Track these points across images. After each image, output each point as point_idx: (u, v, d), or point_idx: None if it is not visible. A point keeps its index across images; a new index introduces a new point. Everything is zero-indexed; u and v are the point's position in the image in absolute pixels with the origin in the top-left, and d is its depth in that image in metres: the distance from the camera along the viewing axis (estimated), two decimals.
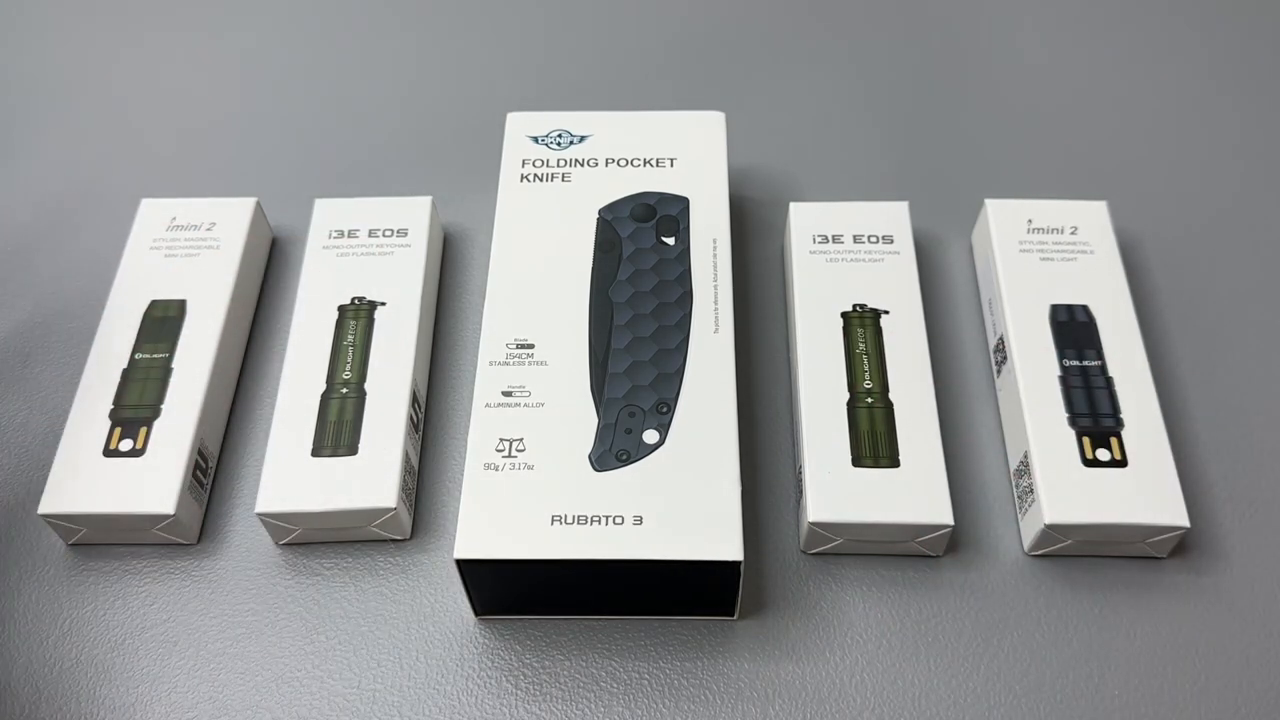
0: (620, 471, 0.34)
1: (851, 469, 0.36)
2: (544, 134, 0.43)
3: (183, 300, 0.41)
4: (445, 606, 0.37)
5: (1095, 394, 0.38)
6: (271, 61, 0.54)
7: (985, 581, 0.37)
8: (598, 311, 0.38)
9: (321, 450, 0.37)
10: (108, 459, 0.37)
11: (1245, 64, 0.53)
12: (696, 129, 0.43)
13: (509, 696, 0.35)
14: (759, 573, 0.37)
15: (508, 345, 0.37)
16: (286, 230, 0.47)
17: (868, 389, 0.38)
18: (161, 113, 0.52)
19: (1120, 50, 0.53)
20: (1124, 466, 0.36)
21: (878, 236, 0.42)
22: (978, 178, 0.48)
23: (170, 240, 0.43)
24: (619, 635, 0.36)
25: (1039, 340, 0.40)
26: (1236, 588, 0.37)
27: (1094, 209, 0.43)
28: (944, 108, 0.51)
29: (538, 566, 0.33)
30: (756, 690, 0.35)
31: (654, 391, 0.36)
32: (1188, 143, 0.50)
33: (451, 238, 0.47)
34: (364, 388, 0.39)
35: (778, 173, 0.49)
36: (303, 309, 0.41)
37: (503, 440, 0.35)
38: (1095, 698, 0.35)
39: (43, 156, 0.50)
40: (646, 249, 0.40)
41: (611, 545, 0.33)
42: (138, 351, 0.40)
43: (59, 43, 0.55)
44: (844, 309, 0.40)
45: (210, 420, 0.39)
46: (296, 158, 0.50)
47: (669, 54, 0.54)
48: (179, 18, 0.56)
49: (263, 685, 0.35)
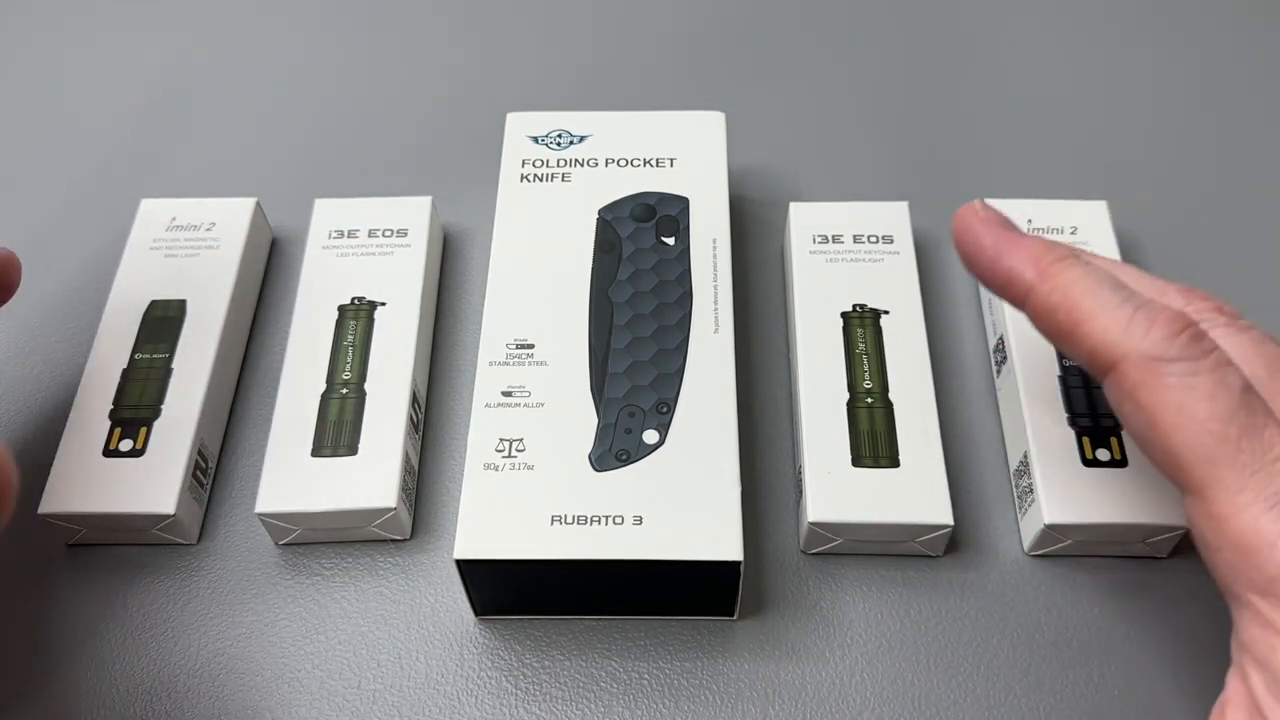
0: (620, 471, 0.34)
1: (851, 469, 0.36)
2: (544, 134, 0.43)
3: (183, 300, 0.41)
4: (445, 606, 0.37)
5: (1095, 394, 0.38)
6: (272, 61, 0.54)
7: (985, 581, 0.37)
8: (598, 311, 0.38)
9: (321, 450, 0.37)
10: (108, 459, 0.37)
11: (1246, 64, 0.53)
12: (696, 129, 0.43)
13: (509, 696, 0.35)
14: (759, 573, 0.37)
15: (508, 345, 0.37)
16: (286, 230, 0.47)
17: (868, 389, 0.38)
18: (161, 113, 0.52)
19: (1120, 50, 0.53)
20: (1124, 466, 0.36)
21: (878, 236, 0.42)
22: (978, 178, 0.48)
23: (170, 240, 0.43)
24: (619, 635, 0.36)
25: (1039, 340, 0.39)
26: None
27: (1094, 209, 0.43)
28: (944, 108, 0.51)
29: (538, 566, 0.33)
30: (756, 690, 0.35)
31: (654, 391, 0.36)
32: (1188, 143, 0.50)
33: (451, 238, 0.47)
34: (364, 388, 0.39)
35: (778, 173, 0.49)
36: (303, 309, 0.41)
37: (502, 440, 0.35)
38: (1095, 698, 0.35)
39: (43, 156, 0.50)
40: (646, 249, 0.40)
41: (611, 545, 0.33)
42: (138, 351, 0.40)
43: (59, 42, 0.55)
44: (844, 309, 0.40)
45: (210, 420, 0.40)
46: (296, 158, 0.50)
47: (669, 54, 0.54)
48: (179, 17, 0.56)
49: (263, 685, 0.35)
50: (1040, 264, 0.29)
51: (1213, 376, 0.26)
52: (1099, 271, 0.29)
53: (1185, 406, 0.26)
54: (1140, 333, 0.27)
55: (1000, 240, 0.30)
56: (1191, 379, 0.26)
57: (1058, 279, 0.29)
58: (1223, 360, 0.27)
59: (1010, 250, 0.30)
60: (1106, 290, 0.28)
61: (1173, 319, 0.27)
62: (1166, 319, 0.27)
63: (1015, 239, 0.30)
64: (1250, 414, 0.26)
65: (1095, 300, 0.28)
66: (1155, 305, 0.27)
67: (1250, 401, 0.26)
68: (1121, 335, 0.27)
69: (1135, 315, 0.27)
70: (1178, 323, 0.27)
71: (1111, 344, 0.27)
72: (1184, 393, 0.26)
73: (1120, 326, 0.27)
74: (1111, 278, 0.29)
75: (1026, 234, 0.31)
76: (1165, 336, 0.27)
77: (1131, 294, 0.28)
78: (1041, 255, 0.29)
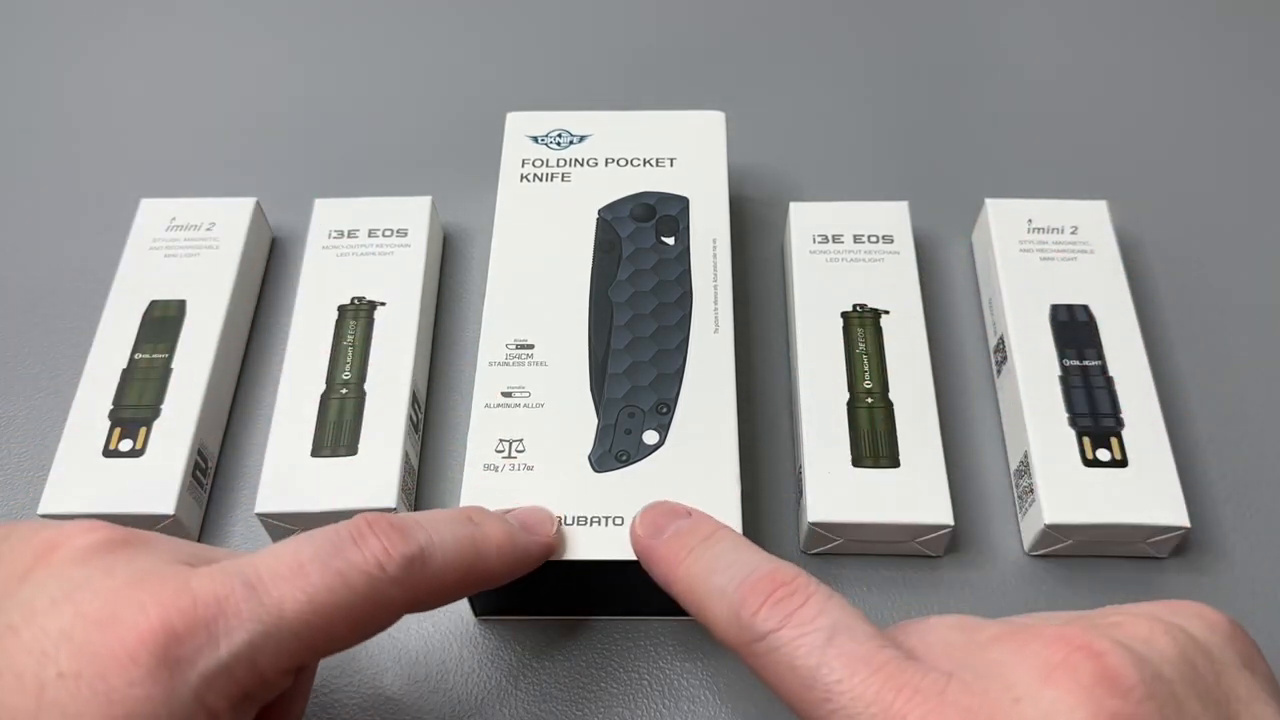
0: (620, 472, 0.34)
1: (851, 469, 0.36)
2: (544, 134, 0.43)
3: (183, 300, 0.41)
4: (445, 607, 0.37)
5: (1095, 394, 0.38)
6: (271, 61, 0.54)
7: (985, 581, 0.37)
8: (597, 311, 0.38)
9: (321, 450, 0.37)
10: (108, 459, 0.37)
11: (1246, 64, 0.53)
12: (696, 129, 0.43)
13: (509, 696, 0.35)
14: None
15: (507, 345, 0.37)
16: (286, 230, 0.47)
17: (868, 389, 0.38)
18: (161, 113, 0.52)
19: (1121, 50, 0.53)
20: (1124, 466, 0.36)
21: (878, 236, 0.42)
22: (978, 178, 0.48)
23: (170, 240, 0.43)
24: (619, 635, 0.36)
25: (1039, 340, 0.40)
26: (1236, 588, 0.37)
27: (1094, 209, 0.43)
28: (944, 107, 0.51)
29: (537, 566, 0.33)
30: (756, 690, 0.35)
31: (654, 392, 0.36)
32: (1188, 143, 0.50)
33: (451, 238, 0.47)
34: (364, 388, 0.39)
35: (778, 173, 0.49)
36: (303, 309, 0.41)
37: (502, 441, 0.35)
38: None
39: (43, 156, 0.50)
40: (646, 249, 0.40)
41: (611, 545, 0.33)
42: (138, 351, 0.40)
43: (59, 42, 0.55)
44: (844, 309, 0.40)
45: (210, 420, 0.39)
46: (296, 158, 0.50)
47: (669, 54, 0.54)
48: (179, 17, 0.56)
49: None
50: (670, 567, 0.30)
51: (792, 644, 0.26)
52: (720, 555, 0.29)
53: (779, 677, 0.26)
54: (733, 617, 0.27)
55: (641, 555, 0.31)
56: (775, 653, 0.26)
57: (681, 579, 0.29)
58: (805, 619, 0.26)
59: (650, 563, 0.31)
60: (716, 576, 0.28)
61: (758, 590, 0.27)
62: (753, 592, 0.27)
63: (652, 549, 0.31)
64: (832, 669, 0.25)
65: (707, 590, 0.28)
66: (751, 577, 0.27)
67: (835, 654, 0.25)
68: (725, 623, 0.27)
69: (732, 597, 0.27)
70: (762, 593, 0.27)
71: (721, 633, 0.28)
72: (773, 667, 0.26)
73: (724, 613, 0.27)
74: (729, 556, 0.29)
75: (672, 531, 0.31)
76: (751, 614, 0.27)
77: (739, 570, 0.28)
78: (672, 557, 0.30)
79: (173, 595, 0.24)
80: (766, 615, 0.26)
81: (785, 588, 0.27)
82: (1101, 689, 0.23)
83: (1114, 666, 0.23)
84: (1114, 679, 0.23)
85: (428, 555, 0.28)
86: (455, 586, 0.29)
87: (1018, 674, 0.24)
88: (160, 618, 0.24)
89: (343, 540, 0.27)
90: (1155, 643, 0.25)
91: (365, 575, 0.26)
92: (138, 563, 0.26)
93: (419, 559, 0.28)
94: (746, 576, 0.27)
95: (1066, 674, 0.23)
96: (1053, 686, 0.23)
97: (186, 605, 0.24)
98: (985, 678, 0.24)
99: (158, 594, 0.24)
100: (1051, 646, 0.24)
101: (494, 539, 0.30)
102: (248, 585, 0.25)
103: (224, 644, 0.24)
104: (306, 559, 0.26)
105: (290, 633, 0.25)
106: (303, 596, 0.25)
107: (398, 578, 0.27)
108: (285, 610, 0.25)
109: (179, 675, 0.24)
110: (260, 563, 0.26)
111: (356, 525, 0.27)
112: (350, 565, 0.26)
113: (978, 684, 0.24)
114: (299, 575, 0.26)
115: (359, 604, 0.26)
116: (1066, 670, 0.23)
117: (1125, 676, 0.23)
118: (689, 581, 0.29)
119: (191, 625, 0.24)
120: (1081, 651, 0.24)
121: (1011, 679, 0.24)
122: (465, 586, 0.30)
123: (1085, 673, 0.23)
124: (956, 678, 0.24)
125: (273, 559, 0.26)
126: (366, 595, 0.26)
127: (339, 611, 0.26)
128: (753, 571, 0.28)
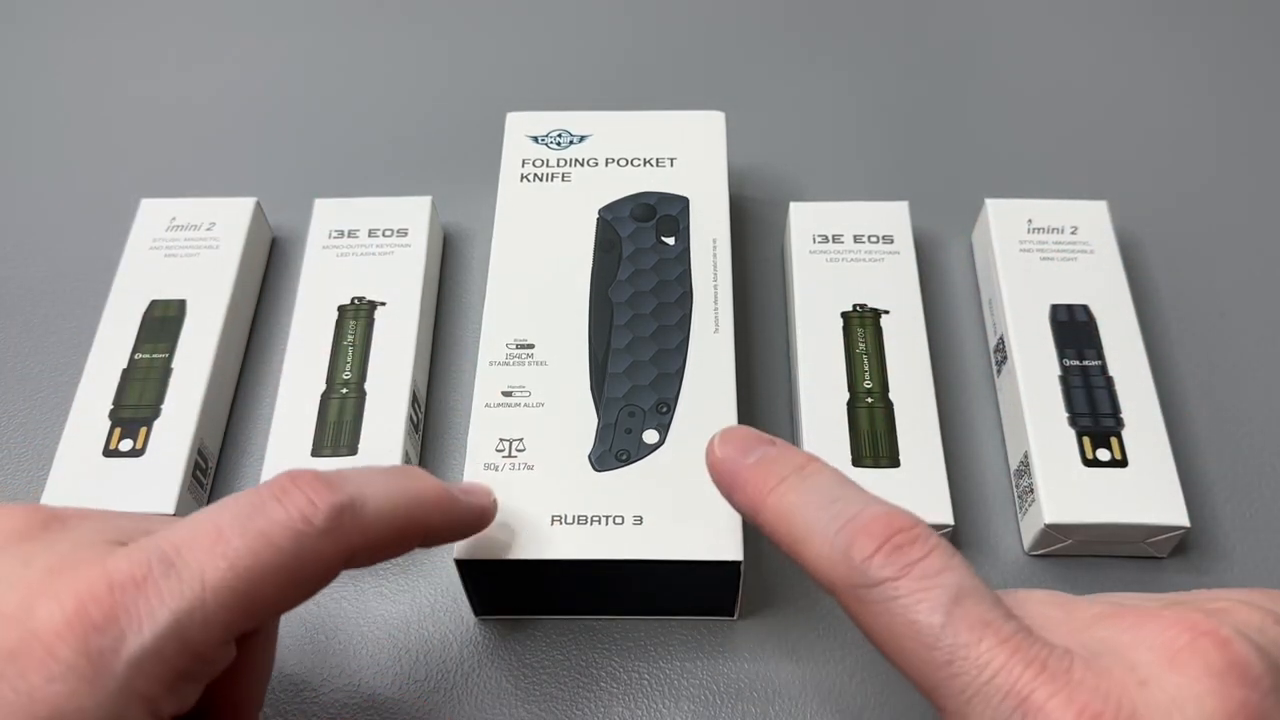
0: (620, 471, 0.34)
1: (851, 469, 0.36)
2: (544, 134, 0.43)
3: (183, 300, 0.41)
4: (445, 606, 0.37)
5: (1095, 394, 0.38)
6: (271, 61, 0.54)
7: (986, 581, 0.37)
8: (598, 311, 0.38)
9: (321, 450, 0.37)
10: (108, 459, 0.37)
11: (1246, 64, 0.53)
12: (696, 129, 0.43)
13: (509, 696, 0.35)
14: (759, 573, 0.37)
15: (508, 345, 0.37)
16: (286, 230, 0.47)
17: (868, 389, 0.38)
18: (161, 113, 0.52)
19: (1121, 50, 0.53)
20: (1124, 466, 0.36)
21: (878, 236, 0.42)
22: (978, 178, 0.48)
23: (170, 240, 0.43)
24: (619, 635, 0.36)
25: (1039, 340, 0.40)
26: (1237, 587, 0.37)
27: (1094, 209, 0.43)
28: (944, 108, 0.51)
29: (538, 566, 0.33)
30: (756, 690, 0.35)
31: (654, 391, 0.36)
32: (1188, 143, 0.50)
33: (451, 238, 0.47)
34: (364, 388, 0.39)
35: (778, 173, 0.49)
36: (303, 309, 0.41)
37: (502, 440, 0.35)
38: None
39: (43, 156, 0.50)
40: (646, 249, 0.40)
41: (611, 545, 0.33)
42: (138, 351, 0.40)
43: (59, 42, 0.55)
44: (844, 309, 0.40)
45: (210, 420, 0.40)
46: (296, 158, 0.50)
47: (669, 54, 0.54)
48: (179, 17, 0.56)
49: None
50: (759, 494, 0.28)
51: (913, 597, 0.24)
52: (820, 488, 0.27)
53: (892, 630, 0.25)
54: (841, 558, 0.26)
55: (722, 479, 0.30)
56: (890, 603, 0.25)
57: (773, 508, 0.28)
58: (929, 571, 0.25)
59: (732, 488, 0.29)
60: (816, 510, 0.27)
61: (872, 533, 0.25)
62: (866, 535, 0.25)
63: (736, 473, 0.29)
64: (957, 632, 0.24)
65: (806, 525, 0.27)
66: (861, 518, 0.26)
67: (962, 615, 0.24)
68: (828, 563, 0.26)
69: (838, 537, 0.26)
70: (878, 537, 0.25)
71: (822, 573, 0.26)
72: (887, 617, 0.25)
73: (826, 553, 0.26)
74: (832, 491, 0.27)
75: (759, 457, 0.29)
76: (864, 558, 0.25)
77: (845, 507, 0.26)
78: (761, 483, 0.28)
79: (88, 583, 0.23)
80: (884, 562, 0.25)
81: (904, 533, 0.25)
82: (1232, 677, 0.22)
83: (1242, 655, 0.23)
84: (1243, 668, 0.22)
85: (358, 505, 0.26)
86: (394, 538, 0.28)
87: (1139, 655, 0.23)
88: (76, 608, 0.23)
89: (264, 499, 0.25)
90: (1268, 632, 0.24)
91: (290, 531, 0.25)
92: (57, 548, 0.24)
93: (349, 508, 0.26)
94: (855, 515, 0.26)
95: (1195, 659, 0.23)
96: (1178, 672, 0.22)
97: (102, 592, 0.23)
98: (1104, 657, 0.23)
99: (73, 583, 0.23)
100: (1172, 629, 0.23)
101: (430, 491, 0.29)
102: (165, 561, 0.24)
103: (147, 626, 0.23)
104: (225, 524, 0.25)
105: (217, 603, 0.24)
106: (224, 564, 0.24)
107: (327, 529, 0.26)
108: (207, 581, 0.24)
109: (103, 666, 0.22)
110: (178, 535, 0.24)
111: (279, 481, 0.26)
112: (273, 523, 0.25)
113: (1097, 663, 0.23)
114: (218, 542, 0.24)
115: (288, 563, 0.25)
116: (1194, 655, 0.23)
117: (1253, 666, 0.23)
118: (782, 511, 0.27)
119: (109, 612, 0.23)
120: (1208, 637, 0.23)
121: (1133, 660, 0.23)
122: (405, 539, 0.28)
123: (1214, 659, 0.23)
124: (1078, 656, 0.23)
125: (190, 528, 0.25)
126: (294, 553, 0.25)
127: (267, 574, 0.25)
128: (863, 510, 0.26)
